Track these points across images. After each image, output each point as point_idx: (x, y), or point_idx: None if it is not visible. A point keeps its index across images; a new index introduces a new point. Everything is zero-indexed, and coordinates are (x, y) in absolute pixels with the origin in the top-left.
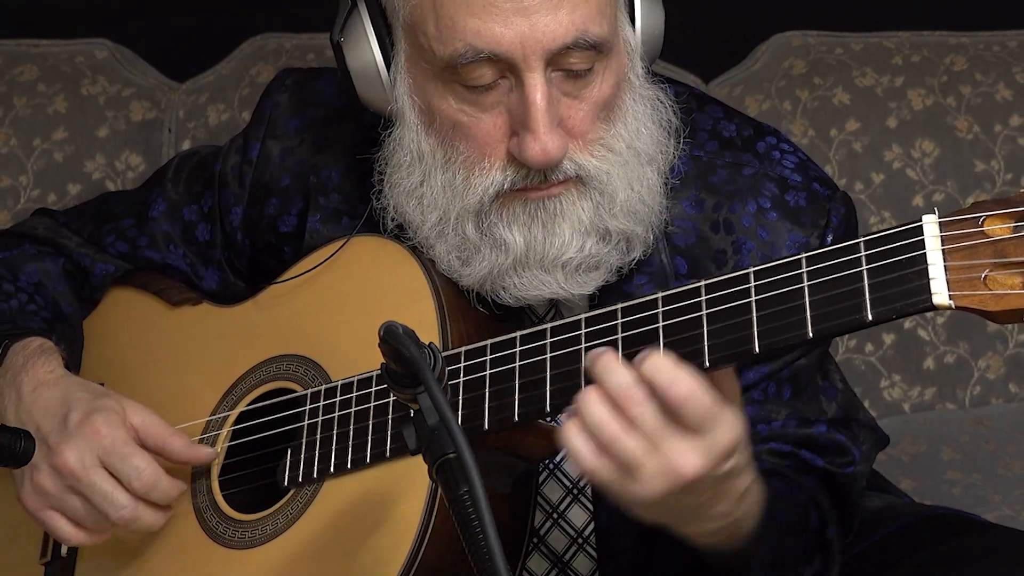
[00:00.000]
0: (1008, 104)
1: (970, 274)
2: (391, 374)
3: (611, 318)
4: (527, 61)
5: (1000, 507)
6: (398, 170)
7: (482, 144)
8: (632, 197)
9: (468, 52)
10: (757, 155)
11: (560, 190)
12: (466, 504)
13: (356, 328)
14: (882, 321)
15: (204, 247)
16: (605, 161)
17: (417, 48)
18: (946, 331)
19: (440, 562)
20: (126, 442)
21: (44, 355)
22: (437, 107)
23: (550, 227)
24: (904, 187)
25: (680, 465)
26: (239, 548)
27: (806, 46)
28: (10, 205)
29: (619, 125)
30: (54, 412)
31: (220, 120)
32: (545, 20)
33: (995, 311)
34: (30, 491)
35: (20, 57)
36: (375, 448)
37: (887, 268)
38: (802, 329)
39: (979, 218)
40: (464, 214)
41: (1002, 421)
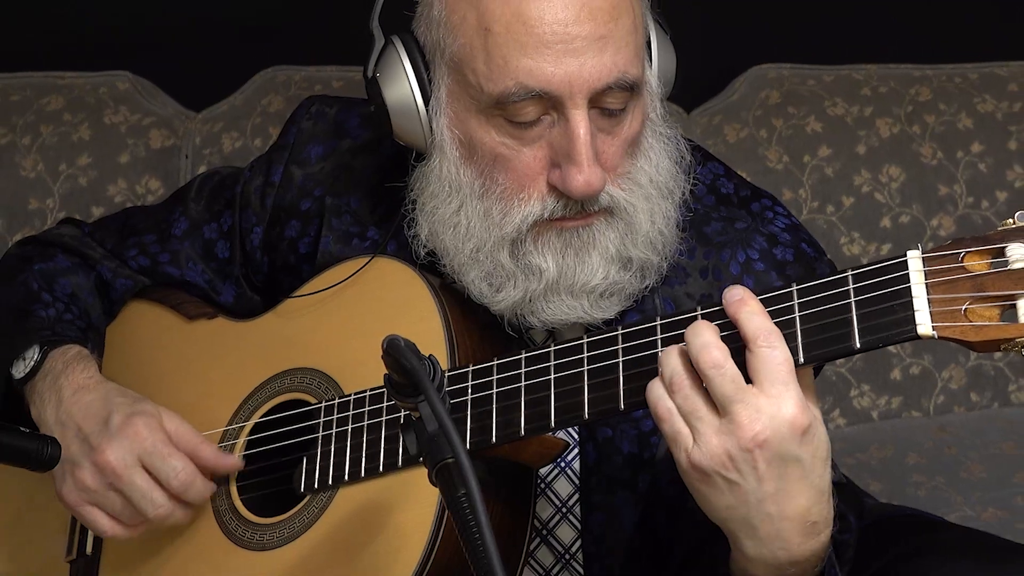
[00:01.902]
0: (969, 132)
1: (952, 306)
2: (393, 384)
3: (612, 343)
4: (573, 99)
5: (962, 508)
6: (433, 199)
7: (522, 176)
8: (652, 228)
9: (519, 90)
10: (751, 213)
11: (593, 220)
12: (464, 506)
13: (367, 344)
14: (869, 349)
15: (223, 263)
16: (632, 194)
17: (462, 84)
18: (912, 344)
19: (451, 564)
20: (165, 443)
21: (82, 361)
22: (479, 140)
23: (582, 255)
24: (872, 210)
25: (741, 423)
26: (257, 550)
27: (781, 78)
28: (37, 226)
29: (642, 160)
30: (95, 414)
31: (234, 147)
32: (592, 61)
33: (975, 341)
34: (72, 487)
35: (47, 88)
36: (388, 458)
37: (874, 300)
38: (794, 356)
39: (960, 254)
40: (501, 242)
41: (963, 428)
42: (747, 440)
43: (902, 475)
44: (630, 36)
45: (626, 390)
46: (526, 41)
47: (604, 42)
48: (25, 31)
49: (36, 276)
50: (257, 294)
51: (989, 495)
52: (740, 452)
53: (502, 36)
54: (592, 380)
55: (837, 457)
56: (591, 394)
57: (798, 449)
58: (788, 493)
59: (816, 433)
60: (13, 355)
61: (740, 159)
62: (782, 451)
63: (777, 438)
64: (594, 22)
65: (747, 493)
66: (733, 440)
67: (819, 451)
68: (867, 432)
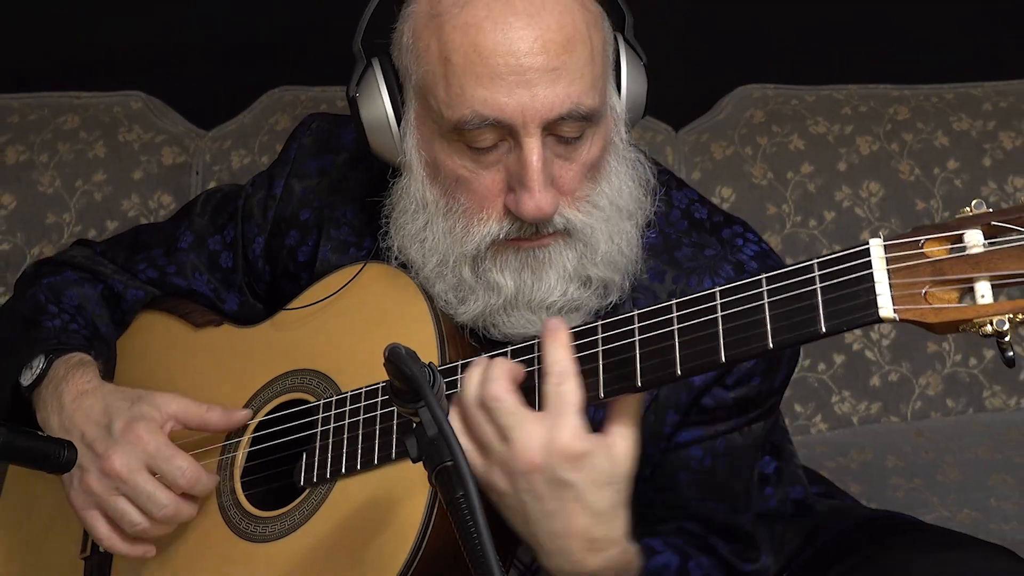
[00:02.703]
0: (946, 149)
1: (912, 290)
2: (395, 390)
3: (592, 333)
4: (526, 127)
5: (938, 509)
6: (403, 215)
7: (481, 197)
8: (612, 248)
9: (474, 118)
10: (721, 240)
11: (549, 241)
12: (462, 506)
13: (363, 346)
14: (835, 332)
15: (227, 273)
16: (590, 216)
17: (426, 109)
18: (890, 352)
19: (441, 552)
20: (168, 445)
21: (83, 367)
22: (442, 162)
23: (539, 273)
24: (853, 224)
25: (516, 449)
26: (260, 541)
27: (765, 97)
28: (55, 240)
29: (604, 184)
30: (96, 420)
31: (242, 164)
32: (544, 92)
33: (934, 323)
34: (78, 491)
35: (63, 108)
36: (381, 451)
37: (838, 286)
38: (763, 341)
39: (919, 241)
40: (462, 258)
41: (940, 433)
42: (523, 464)
43: (881, 478)
44: (586, 68)
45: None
46: (481, 72)
47: (557, 74)
48: (43, 53)
49: (44, 289)
50: (259, 301)
51: (964, 497)
52: (519, 475)
53: (460, 66)
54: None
55: (818, 461)
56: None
57: (569, 474)
58: (567, 513)
59: (592, 461)
60: (21, 364)
61: (726, 175)
62: (554, 475)
63: (549, 464)
64: (547, 55)
65: (530, 512)
66: (512, 463)
67: (597, 476)
68: (847, 436)
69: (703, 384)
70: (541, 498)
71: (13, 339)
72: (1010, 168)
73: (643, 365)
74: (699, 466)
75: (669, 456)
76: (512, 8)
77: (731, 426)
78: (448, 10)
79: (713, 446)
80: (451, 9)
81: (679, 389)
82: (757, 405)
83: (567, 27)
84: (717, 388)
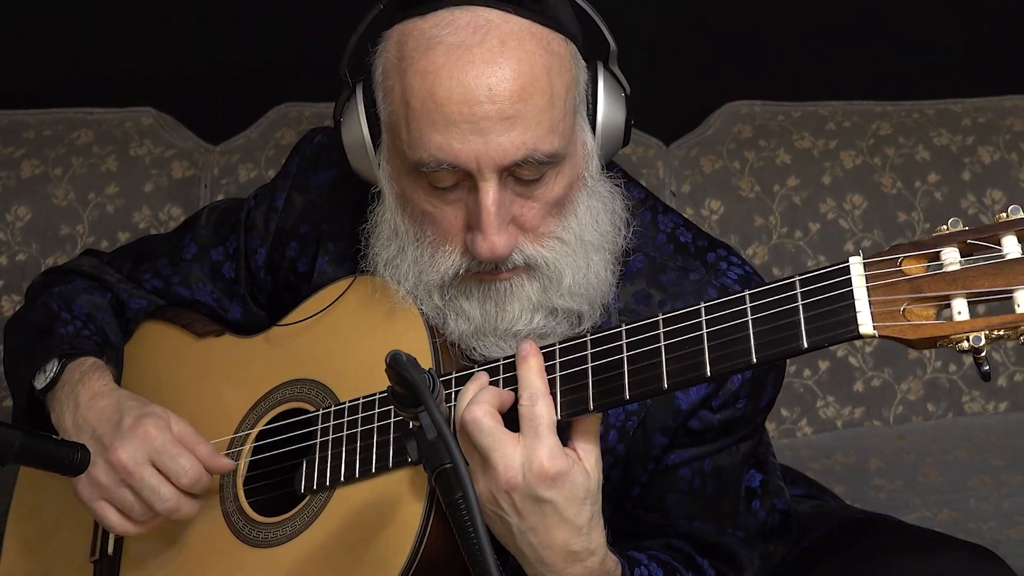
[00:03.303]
0: (927, 164)
1: (891, 307)
2: (396, 396)
3: (582, 348)
4: (481, 172)
5: (919, 509)
6: (379, 241)
7: (445, 231)
8: (578, 280)
9: (431, 161)
10: (706, 264)
11: (509, 276)
12: (460, 507)
13: (360, 355)
14: (816, 348)
15: (229, 283)
16: (553, 251)
17: (394, 144)
18: (873, 359)
19: (439, 554)
20: (174, 443)
21: (97, 371)
22: (409, 195)
23: (501, 304)
24: (837, 235)
25: (496, 469)
26: (263, 546)
27: (752, 113)
28: (68, 251)
29: (571, 219)
30: (108, 418)
31: (249, 177)
32: (498, 140)
33: (913, 339)
34: (86, 483)
35: (77, 123)
36: (379, 461)
37: (819, 303)
38: (747, 356)
39: (898, 259)
40: (430, 286)
41: (921, 436)
42: (502, 483)
43: (864, 479)
44: (543, 114)
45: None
46: (436, 118)
47: (511, 122)
48: (57, 71)
49: (56, 298)
50: (262, 310)
51: (944, 498)
52: (499, 493)
53: (418, 111)
54: (564, 386)
55: (804, 463)
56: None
57: (547, 493)
58: (547, 527)
59: (569, 477)
60: (35, 368)
61: (715, 188)
62: (533, 494)
63: (527, 483)
64: (501, 103)
65: (512, 526)
66: (493, 483)
67: (574, 491)
68: (832, 440)
69: (690, 407)
70: (522, 514)
71: (28, 346)
72: (988, 181)
73: (631, 379)
74: (687, 487)
75: (658, 477)
76: (470, 56)
77: (718, 447)
78: (411, 55)
79: (701, 467)
80: (413, 54)
81: (667, 412)
82: (743, 426)
83: (524, 75)
84: (704, 411)
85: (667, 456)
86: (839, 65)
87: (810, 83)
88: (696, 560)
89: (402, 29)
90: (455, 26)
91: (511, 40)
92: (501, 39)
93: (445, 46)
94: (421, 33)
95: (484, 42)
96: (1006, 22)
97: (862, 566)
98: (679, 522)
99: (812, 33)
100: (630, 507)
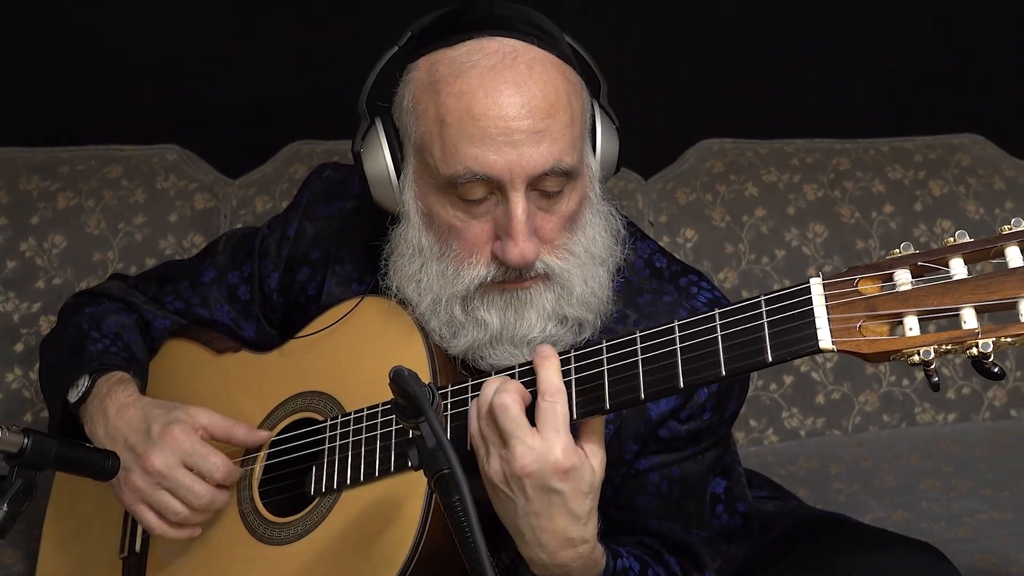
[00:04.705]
0: (882, 196)
1: (848, 324)
2: (399, 407)
3: (566, 363)
4: (512, 183)
5: (876, 510)
6: (401, 258)
7: (471, 244)
8: (586, 291)
9: (467, 174)
10: (678, 287)
11: (531, 284)
12: (457, 508)
13: (365, 370)
14: (780, 362)
15: (245, 305)
16: (567, 262)
17: (424, 165)
18: (833, 374)
19: (437, 550)
20: (202, 444)
21: (123, 384)
22: (436, 212)
23: (521, 312)
24: (800, 261)
25: (515, 455)
26: (277, 544)
27: (724, 150)
28: (100, 275)
29: (580, 234)
30: (137, 426)
31: (265, 208)
32: (529, 152)
33: (868, 353)
34: (125, 489)
35: (109, 159)
36: (382, 465)
37: (783, 320)
38: (717, 368)
39: (854, 280)
40: (453, 298)
41: (877, 444)
42: (517, 469)
43: (825, 483)
44: (566, 130)
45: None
46: (473, 133)
47: (540, 136)
48: (90, 112)
49: (86, 318)
50: (274, 328)
51: (898, 500)
52: (512, 477)
53: (454, 128)
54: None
55: (771, 469)
56: None
57: (559, 484)
58: (550, 514)
59: (580, 472)
60: (68, 383)
61: (689, 219)
62: (545, 483)
63: (541, 473)
64: (532, 119)
65: (517, 507)
66: (508, 467)
67: (581, 486)
68: (796, 447)
69: (660, 418)
70: (530, 499)
71: (61, 364)
72: (938, 212)
73: (611, 390)
74: (656, 490)
75: (630, 481)
76: (502, 78)
77: (685, 455)
78: (444, 78)
79: (669, 473)
80: (447, 77)
81: (639, 421)
82: (708, 436)
83: (550, 95)
84: (672, 421)
85: (638, 461)
86: (802, 106)
87: (776, 123)
88: (664, 557)
89: (431, 59)
90: (484, 52)
91: (536, 65)
92: (528, 64)
93: (479, 69)
94: (452, 60)
95: (514, 65)
96: (954, 68)
97: (820, 561)
98: (649, 522)
99: (779, 77)
100: (605, 507)
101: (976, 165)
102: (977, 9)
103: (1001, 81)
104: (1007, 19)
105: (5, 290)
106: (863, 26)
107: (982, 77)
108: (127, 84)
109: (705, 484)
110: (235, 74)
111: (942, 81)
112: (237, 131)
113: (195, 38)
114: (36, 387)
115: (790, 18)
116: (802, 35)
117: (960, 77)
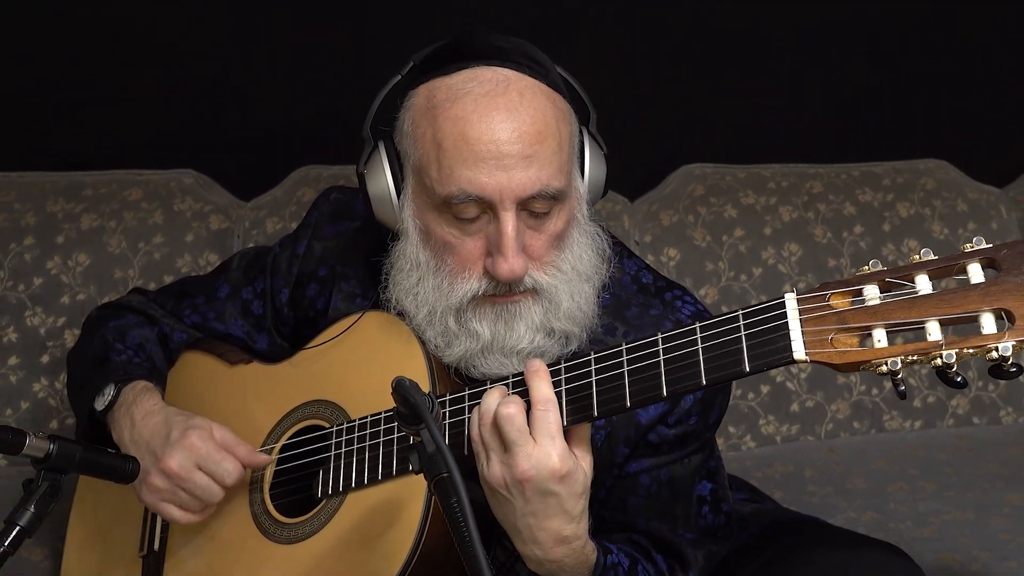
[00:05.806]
0: (853, 217)
1: (821, 336)
2: (400, 415)
3: (557, 374)
4: (503, 203)
5: (847, 511)
6: (399, 272)
7: (464, 260)
8: (572, 305)
9: (460, 194)
10: (664, 301)
11: (520, 298)
12: (456, 510)
13: (368, 380)
14: (757, 372)
15: (258, 319)
16: (554, 278)
17: (421, 184)
18: (807, 384)
19: (436, 548)
20: (218, 450)
21: (148, 392)
22: (433, 230)
23: (511, 324)
24: (776, 278)
25: (516, 461)
26: (287, 543)
27: (704, 174)
28: (121, 291)
29: (567, 252)
30: (158, 432)
31: (275, 229)
32: (519, 175)
33: (839, 363)
34: (146, 491)
35: (129, 183)
36: (384, 469)
37: (759, 333)
38: (698, 378)
39: (826, 295)
40: (447, 310)
41: (848, 449)
42: (518, 475)
43: (799, 486)
44: (554, 155)
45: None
46: (467, 156)
47: (530, 160)
48: (111, 138)
49: (111, 331)
50: (285, 341)
51: (868, 502)
52: (512, 482)
53: (450, 151)
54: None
55: (748, 472)
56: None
57: (556, 487)
58: (547, 515)
59: (575, 476)
60: (95, 392)
61: (672, 239)
62: (543, 487)
63: (539, 478)
64: (522, 144)
65: (516, 509)
66: (509, 472)
67: (575, 488)
68: (772, 452)
69: (649, 423)
70: (528, 501)
71: (88, 374)
72: (905, 232)
73: (599, 398)
74: (646, 492)
75: (620, 483)
76: (495, 104)
77: (673, 458)
78: (441, 104)
79: (658, 475)
80: (444, 103)
81: (629, 427)
82: (694, 440)
83: (539, 121)
84: (660, 426)
85: (628, 465)
86: (778, 133)
87: (753, 149)
88: (653, 555)
89: (429, 86)
90: (479, 80)
91: (527, 93)
92: (520, 92)
93: (473, 96)
94: (449, 88)
95: (506, 93)
96: (920, 97)
97: (793, 558)
98: (638, 521)
99: (756, 106)
100: (597, 507)
101: (941, 188)
102: (942, 43)
103: (965, 109)
104: (970, 53)
105: (32, 305)
106: (834, 58)
107: (947, 106)
108: (147, 113)
109: (692, 486)
110: (247, 103)
111: (909, 109)
112: (249, 156)
113: (210, 70)
114: (61, 396)
115: (767, 51)
116: (779, 66)
117: (926, 106)
